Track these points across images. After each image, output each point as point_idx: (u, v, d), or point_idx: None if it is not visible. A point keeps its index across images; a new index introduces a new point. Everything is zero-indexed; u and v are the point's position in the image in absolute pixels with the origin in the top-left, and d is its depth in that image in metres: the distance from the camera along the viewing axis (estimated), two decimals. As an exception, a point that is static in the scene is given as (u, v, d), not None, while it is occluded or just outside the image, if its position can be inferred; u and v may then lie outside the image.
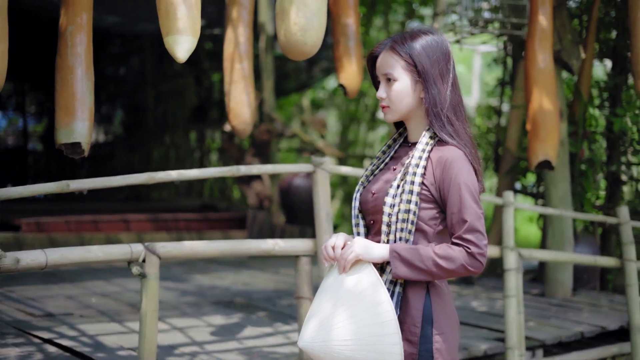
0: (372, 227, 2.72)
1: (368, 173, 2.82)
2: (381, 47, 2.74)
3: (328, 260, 2.66)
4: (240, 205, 11.46)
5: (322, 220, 4.41)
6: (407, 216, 2.60)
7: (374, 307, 2.52)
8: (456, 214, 2.59)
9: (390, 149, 2.84)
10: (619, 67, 7.59)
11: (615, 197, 7.73)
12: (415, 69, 2.67)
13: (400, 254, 2.57)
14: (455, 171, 2.60)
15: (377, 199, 2.69)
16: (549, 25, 5.65)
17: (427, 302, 2.63)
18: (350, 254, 2.57)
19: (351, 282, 2.58)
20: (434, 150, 2.67)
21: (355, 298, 2.55)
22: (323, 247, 2.67)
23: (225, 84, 5.24)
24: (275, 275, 8.07)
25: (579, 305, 6.64)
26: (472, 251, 2.56)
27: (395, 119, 2.74)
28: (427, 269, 2.56)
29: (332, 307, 2.57)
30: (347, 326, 2.53)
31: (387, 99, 2.71)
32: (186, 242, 3.95)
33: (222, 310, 6.05)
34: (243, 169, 4.23)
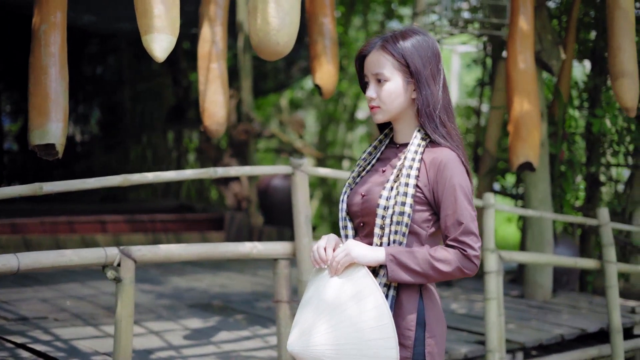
0: (361, 229, 2.69)
1: (355, 175, 2.78)
2: (370, 46, 2.69)
3: (319, 263, 2.62)
4: (217, 206, 11.38)
5: (301, 223, 4.35)
6: (402, 218, 2.57)
7: (369, 311, 2.49)
8: (451, 215, 2.57)
9: (377, 150, 2.81)
10: (598, 68, 7.58)
11: (594, 199, 7.73)
12: (408, 69, 2.64)
13: (397, 258, 2.54)
14: (449, 173, 2.58)
15: (367, 200, 2.65)
16: (530, 26, 5.62)
17: (420, 305, 2.61)
18: (344, 256, 2.54)
19: (345, 286, 2.54)
20: (426, 151, 2.64)
21: (350, 302, 2.51)
22: (314, 249, 2.64)
23: (200, 84, 5.16)
24: (253, 277, 7.99)
25: (559, 307, 6.62)
26: (468, 253, 2.55)
27: (385, 119, 2.70)
28: (424, 272, 2.53)
29: (325, 311, 2.53)
30: (342, 330, 2.49)
31: (378, 99, 2.66)
32: (162, 246, 3.88)
33: (199, 314, 5.97)
34: (220, 171, 4.16)
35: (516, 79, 5.62)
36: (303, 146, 11.72)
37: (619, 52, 5.23)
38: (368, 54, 2.69)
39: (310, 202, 12.97)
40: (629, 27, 5.25)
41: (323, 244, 2.64)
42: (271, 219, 10.26)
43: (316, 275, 2.65)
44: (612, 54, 5.31)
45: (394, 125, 2.75)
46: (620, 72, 5.21)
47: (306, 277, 4.32)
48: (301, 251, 4.33)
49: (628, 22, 5.25)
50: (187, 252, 3.98)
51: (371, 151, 2.81)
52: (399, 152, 2.71)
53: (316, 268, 2.66)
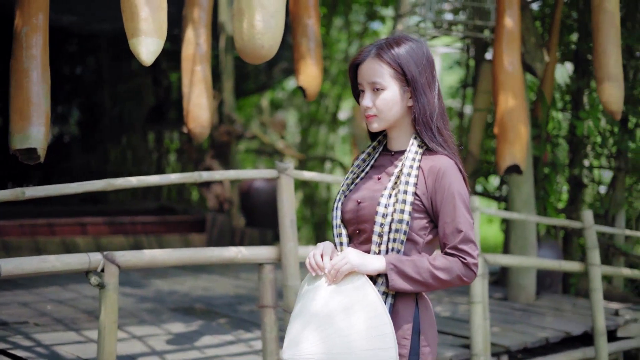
0: (357, 236, 2.67)
1: (349, 182, 2.76)
2: (365, 54, 2.67)
3: (315, 270, 2.59)
4: (199, 207, 11.29)
5: (286, 227, 4.31)
6: (400, 226, 2.55)
7: (370, 320, 2.47)
8: (450, 223, 2.56)
9: (370, 157, 2.79)
10: (581, 71, 7.60)
11: (576, 201, 7.74)
12: (404, 78, 2.63)
13: (398, 267, 2.52)
14: (448, 181, 2.58)
15: (364, 208, 2.63)
16: (516, 28, 5.61)
17: (416, 313, 2.60)
18: (344, 264, 2.51)
19: (344, 294, 2.51)
20: (424, 159, 2.63)
21: (350, 310, 2.48)
22: (310, 256, 2.62)
23: (184, 86, 5.12)
24: (235, 280, 7.94)
25: (543, 309, 6.62)
26: (468, 261, 2.55)
27: (381, 128, 2.68)
28: (424, 281, 2.52)
29: (324, 320, 2.50)
30: (342, 339, 2.46)
31: (374, 108, 2.64)
32: (146, 251, 3.83)
33: (182, 318, 5.92)
34: (205, 175, 4.12)
35: (503, 81, 5.61)
36: (284, 147, 11.68)
37: (604, 55, 5.23)
38: (362, 62, 2.67)
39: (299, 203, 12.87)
40: (614, 30, 5.25)
41: (319, 251, 2.62)
42: (253, 220, 10.21)
43: (311, 282, 2.62)
44: (597, 58, 5.30)
45: (389, 132, 2.73)
46: (605, 76, 5.20)
47: (292, 281, 4.28)
48: (286, 256, 4.29)
49: (613, 25, 5.25)
50: (171, 257, 3.93)
51: (364, 158, 2.80)
52: (394, 160, 2.70)
53: (310, 275, 2.64)
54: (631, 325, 6.41)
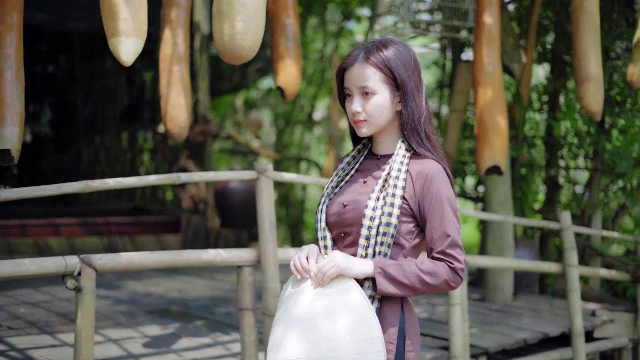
0: (341, 239, 2.64)
1: (333, 185, 2.73)
2: (353, 58, 2.63)
3: (301, 273, 2.55)
4: (173, 208, 11.20)
5: (265, 229, 4.25)
6: (388, 229, 2.52)
7: (358, 324, 2.43)
8: (438, 228, 2.54)
9: (355, 161, 2.77)
10: (557, 71, 7.61)
11: (553, 201, 7.76)
12: (394, 82, 2.60)
13: (385, 270, 2.49)
14: (437, 186, 2.56)
15: (351, 210, 2.60)
16: (496, 28, 5.59)
17: (401, 317, 2.58)
18: (331, 267, 2.48)
19: (330, 297, 2.48)
20: (411, 162, 2.61)
21: (336, 314, 2.44)
22: (295, 258, 2.58)
23: (162, 87, 5.05)
24: (211, 281, 7.88)
25: (520, 310, 6.62)
26: (455, 266, 2.53)
27: (370, 133, 2.66)
28: (412, 285, 2.50)
29: (309, 324, 2.46)
30: (328, 343, 2.42)
31: (364, 112, 2.61)
32: (124, 254, 3.76)
33: (158, 320, 5.85)
34: (184, 177, 4.06)
35: (483, 82, 5.59)
36: (260, 147, 11.61)
37: (584, 56, 5.23)
38: (350, 66, 2.63)
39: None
40: (594, 31, 5.25)
41: (304, 253, 2.59)
42: (228, 221, 10.14)
43: (295, 285, 2.58)
44: (577, 58, 5.30)
45: (375, 136, 2.72)
46: (585, 77, 5.20)
47: (271, 284, 4.23)
48: (266, 258, 4.24)
49: (593, 26, 5.25)
50: (149, 260, 3.87)
51: (349, 161, 2.78)
52: (381, 164, 2.68)
53: (294, 278, 2.60)
54: (608, 326, 6.43)
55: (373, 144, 2.74)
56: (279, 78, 5.40)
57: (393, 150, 2.68)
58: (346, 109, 2.68)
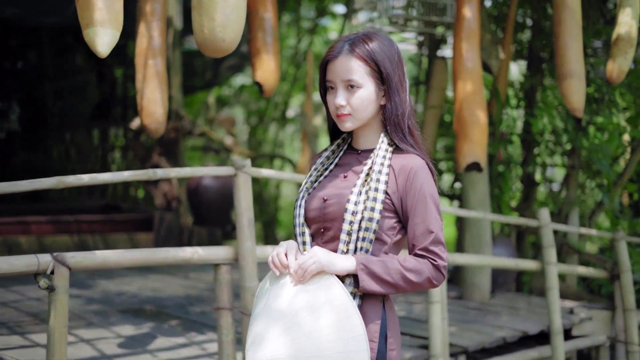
0: (321, 235, 2.56)
1: (313, 179, 2.65)
2: (337, 50, 2.55)
3: (280, 269, 2.46)
4: (145, 205, 11.05)
5: (244, 226, 4.16)
6: (370, 225, 2.45)
7: (341, 322, 2.35)
8: (421, 224, 2.47)
9: (335, 155, 2.69)
10: (534, 68, 7.58)
11: (529, 199, 7.73)
12: (380, 76, 2.53)
13: (368, 267, 2.42)
14: (420, 181, 2.49)
15: (331, 205, 2.52)
16: (475, 23, 5.54)
17: (383, 315, 2.51)
18: (312, 264, 2.39)
19: (312, 294, 2.39)
20: (394, 157, 2.54)
21: (319, 311, 2.36)
22: (273, 255, 2.49)
23: (137, 81, 4.95)
24: (184, 280, 7.76)
25: (498, 308, 6.58)
26: (438, 264, 2.47)
27: (354, 127, 2.58)
28: (394, 282, 2.43)
29: (290, 321, 2.37)
30: (311, 340, 2.34)
31: (349, 106, 2.54)
32: (98, 252, 3.65)
33: (131, 320, 5.73)
34: (160, 173, 3.96)
35: (462, 78, 5.53)
36: (233, 145, 11.51)
37: (566, 52, 5.18)
38: (334, 58, 2.55)
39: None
40: (576, 27, 5.20)
41: (283, 249, 2.50)
42: (201, 219, 10.02)
43: (274, 282, 2.50)
44: (559, 54, 5.25)
45: (357, 131, 2.65)
46: (567, 73, 5.15)
47: (249, 282, 4.14)
48: (244, 256, 4.15)
49: (575, 21, 5.20)
50: (124, 258, 3.77)
51: (329, 155, 2.71)
52: (362, 159, 2.61)
53: (272, 275, 2.52)
54: (586, 324, 6.41)
55: (353, 139, 2.68)
56: (257, 73, 5.31)
57: (374, 145, 2.62)
58: (328, 102, 2.61)
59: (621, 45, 5.28)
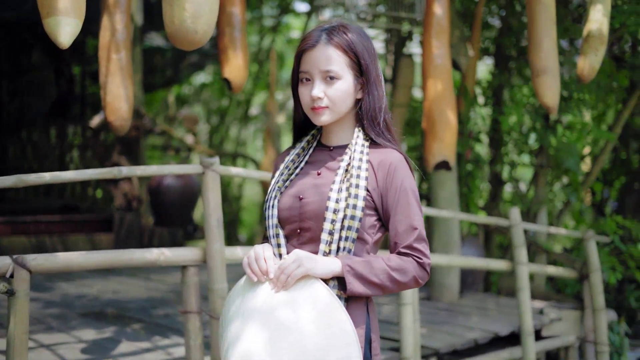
0: (297, 236, 2.42)
1: (285, 178, 2.50)
2: (314, 40, 2.42)
3: (258, 276, 2.31)
4: (104, 205, 10.81)
5: (212, 227, 4.00)
6: (353, 223, 2.32)
7: (330, 328, 2.21)
8: (404, 221, 2.36)
9: (305, 153, 2.56)
10: (501, 66, 7.53)
11: (497, 198, 7.68)
12: (359, 67, 2.41)
13: (354, 269, 2.29)
14: (400, 176, 2.39)
15: (309, 204, 2.39)
16: (445, 19, 5.43)
17: (367, 319, 2.39)
18: (296, 268, 2.25)
19: (298, 301, 2.24)
20: (371, 152, 2.43)
21: (305, 319, 2.21)
22: (252, 260, 2.34)
23: (101, 76, 4.75)
24: (146, 281, 7.57)
25: (467, 309, 6.50)
26: (423, 262, 2.36)
27: (331, 121, 2.46)
28: (381, 283, 2.30)
29: (274, 331, 2.22)
30: (298, 351, 2.20)
31: (327, 98, 2.40)
32: (61, 254, 3.47)
33: (93, 323, 5.54)
34: (125, 171, 3.79)
35: (432, 74, 5.42)
36: (195, 143, 11.31)
37: (540, 48, 5.09)
38: (311, 48, 2.42)
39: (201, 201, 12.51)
40: (550, 22, 5.12)
41: (261, 254, 2.35)
42: (162, 219, 9.83)
43: (250, 290, 2.35)
44: (532, 50, 5.16)
45: (328, 127, 2.52)
46: (541, 69, 5.07)
47: (218, 284, 3.99)
48: (212, 257, 3.99)
49: (549, 17, 5.12)
50: (89, 261, 3.59)
51: (299, 153, 2.57)
52: (335, 155, 2.49)
53: (246, 283, 2.37)
54: (555, 324, 6.36)
55: (323, 135, 2.56)
56: (225, 70, 5.17)
57: (347, 141, 2.50)
58: (301, 95, 2.47)
59: (592, 42, 5.22)
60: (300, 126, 2.59)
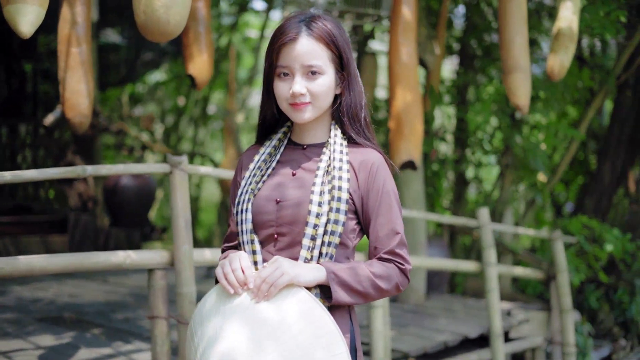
0: (274, 241, 2.26)
1: (257, 179, 2.33)
2: (294, 32, 2.26)
3: (235, 287, 2.15)
4: (58, 206, 10.52)
5: (180, 228, 3.84)
6: (336, 228, 2.19)
7: (318, 339, 2.07)
8: (385, 225, 2.24)
9: (276, 152, 2.39)
10: (466, 65, 7.47)
11: (462, 198, 7.62)
12: (340, 62, 2.28)
13: (339, 276, 2.15)
14: (382, 178, 2.27)
15: (288, 207, 2.24)
16: (413, 17, 5.33)
17: (351, 328, 2.26)
18: (279, 277, 2.09)
19: (282, 312, 2.09)
20: (350, 152, 2.30)
21: (291, 331, 2.07)
22: (228, 271, 2.17)
23: (60, 71, 4.56)
24: (103, 284, 7.35)
25: (434, 311, 6.42)
26: (405, 268, 2.26)
27: (312, 118, 2.31)
28: (365, 291, 2.18)
29: (257, 330, 2.07)
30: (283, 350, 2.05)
31: (309, 94, 2.26)
32: (22, 258, 3.30)
33: (51, 329, 5.33)
34: (90, 170, 3.61)
35: (398, 73, 5.32)
36: (151, 142, 11.09)
37: (512, 46, 5.01)
38: (292, 41, 2.26)
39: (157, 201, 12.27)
40: (522, 20, 5.04)
41: (237, 263, 2.18)
42: (119, 220, 9.58)
43: (225, 302, 2.18)
44: (504, 48, 5.08)
45: (303, 124, 2.36)
46: (512, 67, 4.98)
47: (186, 288, 3.83)
48: (180, 260, 3.83)
49: (521, 14, 5.04)
50: (51, 265, 3.41)
51: (271, 152, 2.40)
52: (310, 154, 2.35)
53: (219, 294, 2.21)
54: (523, 326, 6.31)
55: (295, 133, 2.41)
56: (189, 66, 5.00)
57: (321, 139, 2.37)
58: (278, 90, 2.31)
59: (562, 40, 5.17)
60: (270, 124, 2.44)
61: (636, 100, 7.87)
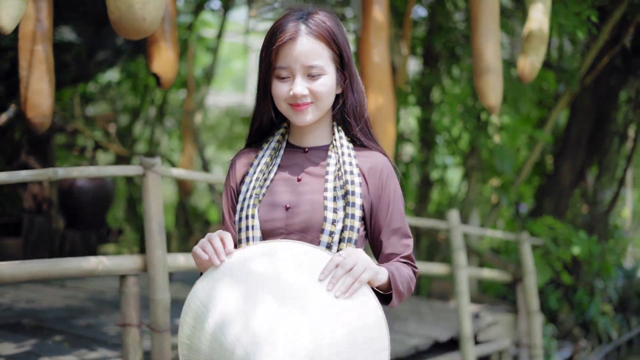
0: None
1: (261, 184, 2.22)
2: (292, 31, 2.15)
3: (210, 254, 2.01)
4: (10, 208, 10.25)
5: (153, 232, 3.72)
6: (352, 235, 2.11)
7: (373, 349, 1.97)
8: (399, 231, 2.20)
9: (276, 155, 2.29)
10: (430, 65, 7.43)
11: (426, 200, 7.58)
12: (341, 61, 2.20)
13: (396, 280, 2.09)
14: (393, 183, 2.22)
15: (299, 214, 2.13)
16: (384, 17, 5.24)
17: None
18: (362, 271, 1.94)
19: (352, 311, 1.94)
20: (358, 156, 2.23)
21: (354, 334, 1.93)
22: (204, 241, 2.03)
23: (21, 69, 4.38)
24: (61, 289, 7.15)
25: (403, 313, 6.37)
26: (416, 272, 2.25)
27: (315, 120, 2.21)
28: (403, 293, 2.12)
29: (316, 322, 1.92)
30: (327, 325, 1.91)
31: (312, 95, 2.16)
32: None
33: (9, 336, 5.13)
34: (62, 172, 3.47)
35: (370, 74, 5.22)
36: (107, 142, 10.88)
37: (484, 47, 4.94)
38: (291, 41, 2.16)
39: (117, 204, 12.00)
40: (494, 21, 4.98)
41: (215, 235, 2.04)
42: (74, 222, 9.37)
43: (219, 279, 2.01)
44: (476, 48, 5.01)
45: (302, 127, 2.26)
46: (484, 68, 4.91)
47: (160, 294, 3.72)
48: (154, 265, 3.71)
49: (494, 14, 4.98)
50: (19, 271, 3.26)
51: (271, 155, 2.30)
52: (313, 158, 2.26)
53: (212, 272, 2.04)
54: (491, 328, 6.28)
55: (294, 135, 2.31)
56: (154, 64, 4.84)
57: (323, 141, 2.28)
58: (276, 92, 2.20)
59: (533, 42, 5.13)
60: (266, 126, 2.33)
61: (595, 102, 7.93)
